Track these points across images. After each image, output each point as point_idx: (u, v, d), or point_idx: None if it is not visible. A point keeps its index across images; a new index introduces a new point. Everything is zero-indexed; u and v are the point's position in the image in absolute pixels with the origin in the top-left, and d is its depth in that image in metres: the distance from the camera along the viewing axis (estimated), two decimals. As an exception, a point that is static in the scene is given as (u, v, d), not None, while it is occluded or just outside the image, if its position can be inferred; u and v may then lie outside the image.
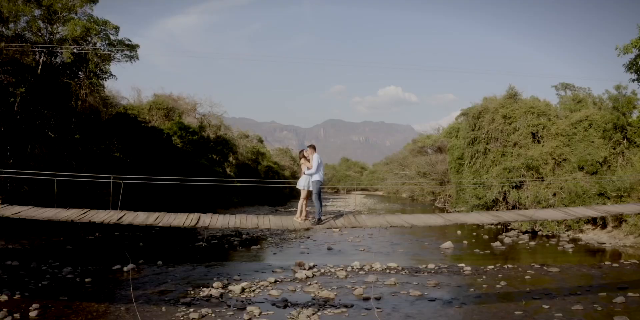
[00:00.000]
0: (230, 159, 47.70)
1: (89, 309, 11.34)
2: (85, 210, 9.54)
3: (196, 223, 9.15)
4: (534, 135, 32.22)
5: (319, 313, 11.07)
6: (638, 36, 13.80)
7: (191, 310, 11.12)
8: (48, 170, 18.06)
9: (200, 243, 22.18)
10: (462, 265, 17.35)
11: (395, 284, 14.25)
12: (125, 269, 15.67)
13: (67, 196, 19.05)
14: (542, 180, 29.51)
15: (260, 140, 65.49)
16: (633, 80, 19.64)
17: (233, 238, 24.05)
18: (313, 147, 10.51)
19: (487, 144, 34.02)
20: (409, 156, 65.80)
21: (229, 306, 11.53)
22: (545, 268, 17.16)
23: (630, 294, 13.26)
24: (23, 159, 20.90)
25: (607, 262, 18.53)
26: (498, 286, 14.28)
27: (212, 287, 13.26)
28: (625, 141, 29.02)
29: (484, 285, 14.36)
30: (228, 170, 44.90)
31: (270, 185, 37.82)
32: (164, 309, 11.28)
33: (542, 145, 31.42)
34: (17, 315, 10.55)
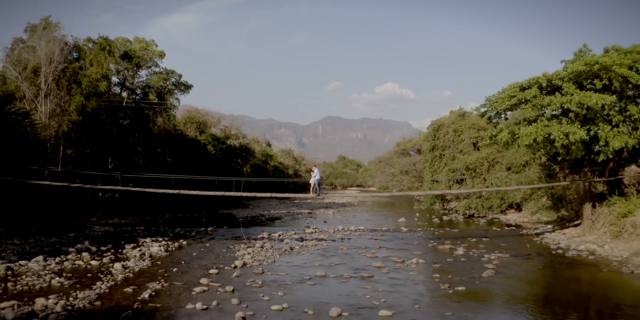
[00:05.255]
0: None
1: (209, 241, 23.24)
2: (223, 192, 21.62)
3: (270, 196, 21.21)
4: (474, 144, 44.19)
5: (318, 242, 23.08)
6: (483, 105, 25.10)
7: (256, 242, 23.07)
8: (146, 174, 30.03)
9: (241, 219, 34.22)
10: (403, 228, 29.41)
11: (360, 235, 26.27)
12: (209, 229, 27.68)
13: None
14: (478, 178, 41.44)
15: (269, 144, 77.48)
16: (488, 123, 31.27)
17: (260, 217, 36.09)
18: (314, 165, 22.57)
19: (443, 150, 46.01)
20: (394, 157, 77.80)
21: (274, 240, 23.62)
22: (451, 230, 29.14)
23: (484, 238, 25.19)
24: (131, 166, 32.78)
25: (494, 228, 30.39)
26: (415, 236, 26.30)
27: (263, 234, 25.28)
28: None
29: (408, 235, 26.41)
30: (250, 170, 56.98)
31: (294, 180, 50.20)
32: (245, 241, 23.22)
33: (480, 152, 43.36)
34: (176, 245, 22.35)
